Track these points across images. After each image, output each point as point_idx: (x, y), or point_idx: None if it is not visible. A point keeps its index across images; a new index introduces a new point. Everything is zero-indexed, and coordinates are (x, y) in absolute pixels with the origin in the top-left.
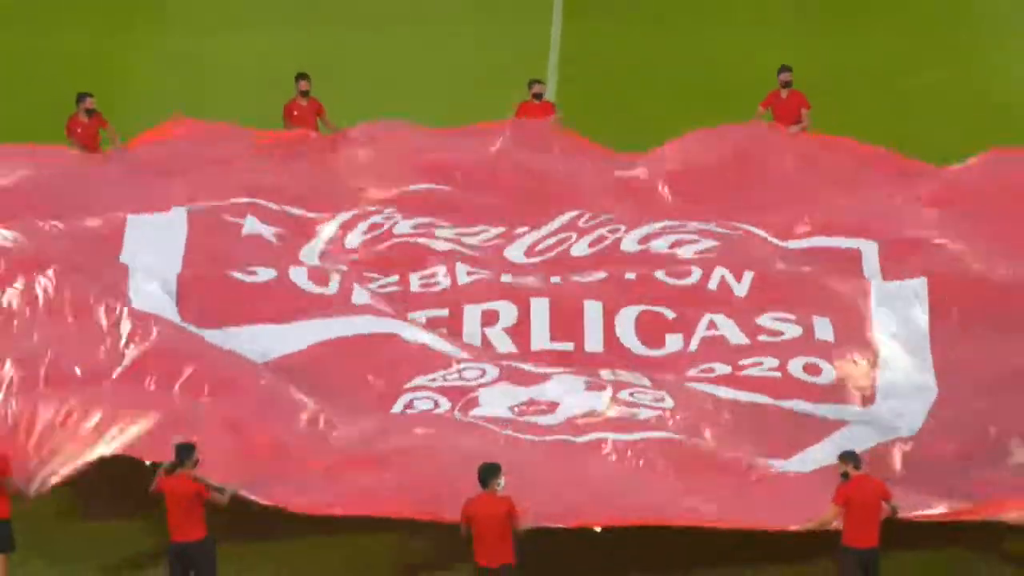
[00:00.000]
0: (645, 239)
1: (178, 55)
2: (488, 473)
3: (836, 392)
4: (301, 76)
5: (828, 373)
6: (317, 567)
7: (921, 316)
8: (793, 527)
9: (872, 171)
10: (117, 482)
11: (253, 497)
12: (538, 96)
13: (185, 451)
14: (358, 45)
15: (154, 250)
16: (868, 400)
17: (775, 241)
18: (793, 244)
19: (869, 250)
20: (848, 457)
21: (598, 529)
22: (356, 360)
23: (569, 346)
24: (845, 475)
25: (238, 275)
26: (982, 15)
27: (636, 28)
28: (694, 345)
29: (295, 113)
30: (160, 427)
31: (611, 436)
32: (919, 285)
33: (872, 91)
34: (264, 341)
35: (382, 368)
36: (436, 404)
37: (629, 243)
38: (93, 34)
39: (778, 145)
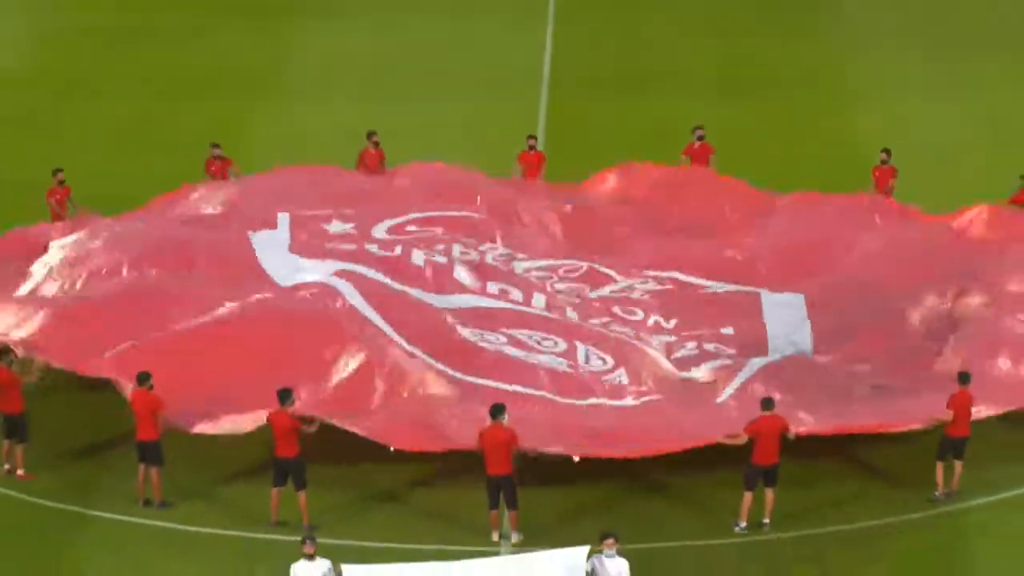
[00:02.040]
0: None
1: (283, 118)
2: (496, 410)
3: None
4: (371, 132)
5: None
6: (374, 485)
7: (800, 311)
8: (720, 439)
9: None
10: None
11: (334, 422)
12: (532, 148)
13: (285, 395)
14: (408, 114)
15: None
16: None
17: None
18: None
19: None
20: (764, 404)
21: (576, 459)
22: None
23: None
24: (767, 404)
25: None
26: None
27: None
28: (644, 340)
29: (366, 160)
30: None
31: (607, 402)
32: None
33: (764, 145)
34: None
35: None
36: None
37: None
38: (221, 101)
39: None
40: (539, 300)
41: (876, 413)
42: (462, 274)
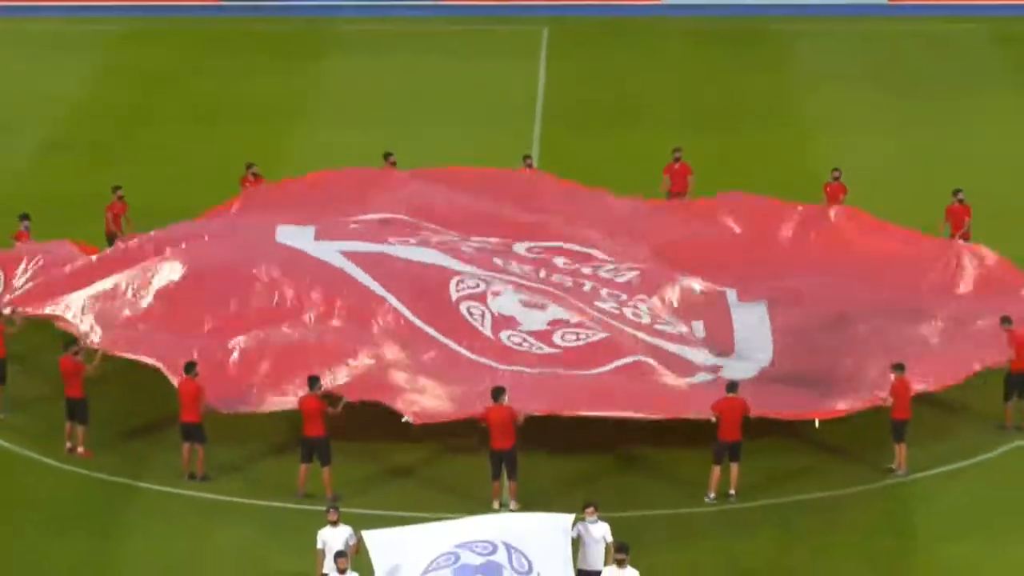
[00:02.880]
0: (608, 271)
1: (313, 142)
2: (498, 392)
3: (711, 348)
4: (388, 153)
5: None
6: (389, 460)
7: (762, 312)
8: (690, 415)
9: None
10: None
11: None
12: (529, 165)
13: (314, 381)
14: (420, 139)
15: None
16: (729, 354)
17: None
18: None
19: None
20: (729, 386)
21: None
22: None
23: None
24: (732, 387)
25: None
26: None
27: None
28: (629, 319)
29: None
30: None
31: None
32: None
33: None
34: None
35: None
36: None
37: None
38: (258, 126)
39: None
40: (541, 274)
41: (825, 400)
42: (467, 250)
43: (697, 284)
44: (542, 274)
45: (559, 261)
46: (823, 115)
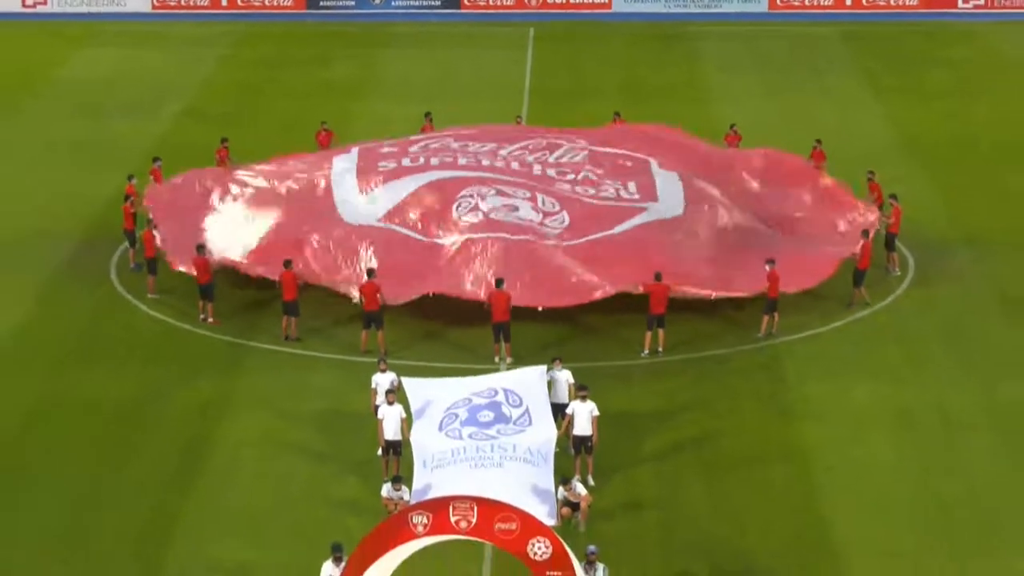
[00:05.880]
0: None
1: (371, 111)
2: (499, 281)
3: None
4: (428, 112)
5: (633, 190)
6: (421, 327)
7: (676, 179)
8: (632, 289)
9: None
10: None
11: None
12: (519, 122)
13: (371, 271)
14: (438, 110)
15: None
16: (655, 201)
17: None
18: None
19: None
20: (656, 276)
21: (540, 308)
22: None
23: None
24: (657, 277)
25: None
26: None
27: None
28: (578, 184)
29: (423, 130)
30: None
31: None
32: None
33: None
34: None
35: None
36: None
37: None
38: (333, 100)
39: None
40: (514, 165)
41: (726, 284)
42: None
43: (629, 160)
44: (515, 165)
45: (528, 156)
46: (721, 90)
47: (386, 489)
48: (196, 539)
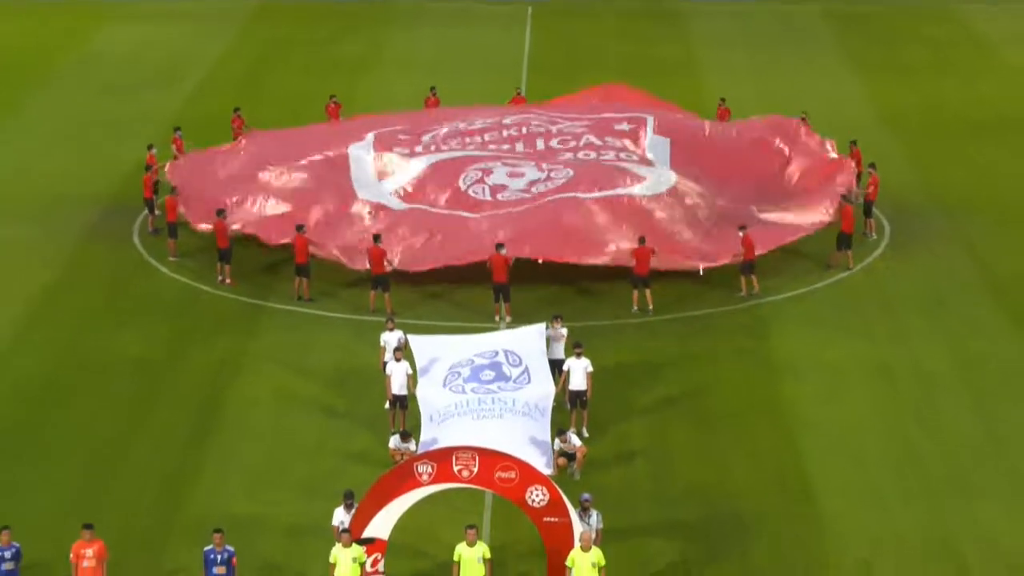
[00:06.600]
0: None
1: (378, 85)
2: (499, 245)
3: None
4: (432, 87)
5: (634, 157)
6: (426, 289)
7: (666, 145)
8: (622, 246)
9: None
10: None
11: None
12: (519, 93)
13: (377, 237)
14: (445, 82)
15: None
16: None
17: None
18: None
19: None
20: (640, 240)
21: (540, 260)
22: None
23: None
24: (641, 241)
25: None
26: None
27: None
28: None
29: (427, 103)
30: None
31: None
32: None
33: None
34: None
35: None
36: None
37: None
38: (343, 73)
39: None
40: (519, 147)
41: (707, 252)
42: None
43: (626, 123)
44: (520, 147)
45: (530, 127)
46: (710, 65)
47: (394, 441)
48: (213, 490)
